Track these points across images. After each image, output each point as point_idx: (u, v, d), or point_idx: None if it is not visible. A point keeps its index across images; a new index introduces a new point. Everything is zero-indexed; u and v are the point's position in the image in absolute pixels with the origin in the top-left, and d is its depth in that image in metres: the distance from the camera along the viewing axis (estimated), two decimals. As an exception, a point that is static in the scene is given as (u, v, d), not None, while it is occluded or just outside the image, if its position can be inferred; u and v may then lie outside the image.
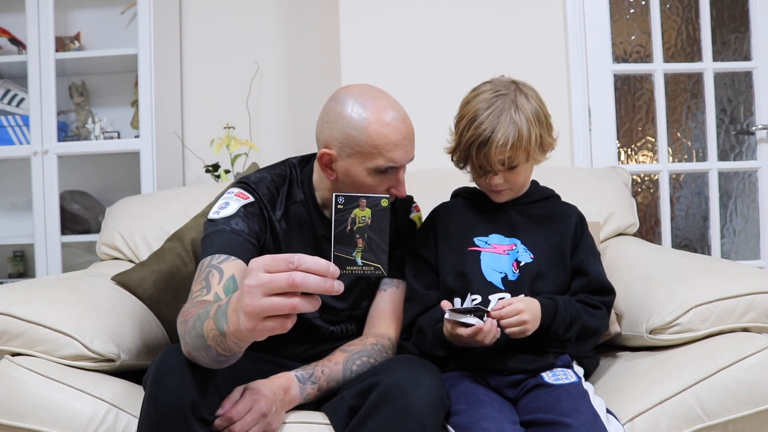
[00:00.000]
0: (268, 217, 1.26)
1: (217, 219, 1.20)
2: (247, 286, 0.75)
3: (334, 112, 1.21)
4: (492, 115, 1.20)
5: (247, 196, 1.25)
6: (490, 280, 1.25)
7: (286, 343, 1.30)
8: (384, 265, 0.79)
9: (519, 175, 1.26)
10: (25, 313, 1.21)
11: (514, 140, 1.19)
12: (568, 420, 1.04)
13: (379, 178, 1.21)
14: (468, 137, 1.23)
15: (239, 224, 1.20)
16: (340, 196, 0.77)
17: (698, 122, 2.63)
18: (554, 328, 1.18)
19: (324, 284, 0.74)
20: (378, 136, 1.17)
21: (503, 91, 1.23)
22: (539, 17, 2.22)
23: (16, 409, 1.12)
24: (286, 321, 0.76)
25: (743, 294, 1.26)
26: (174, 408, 0.96)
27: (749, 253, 2.54)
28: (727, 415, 1.12)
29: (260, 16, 2.55)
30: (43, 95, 2.27)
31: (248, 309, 0.75)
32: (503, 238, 1.30)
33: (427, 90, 2.17)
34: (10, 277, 2.50)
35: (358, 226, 0.78)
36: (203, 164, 2.39)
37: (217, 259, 1.14)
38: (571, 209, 1.36)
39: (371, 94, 1.22)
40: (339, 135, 1.20)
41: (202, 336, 0.90)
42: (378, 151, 1.18)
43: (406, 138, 1.21)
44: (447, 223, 1.36)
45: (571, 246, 1.29)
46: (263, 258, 0.76)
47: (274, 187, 1.29)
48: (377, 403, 1.01)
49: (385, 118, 1.19)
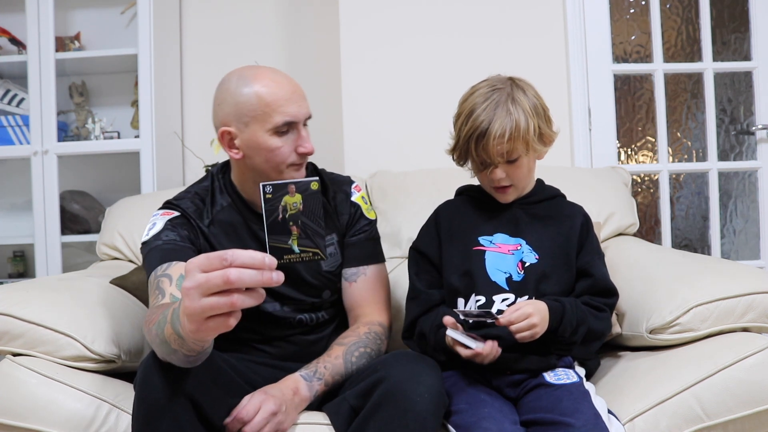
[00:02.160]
0: (197, 226, 1.28)
1: (148, 239, 1.23)
2: (185, 288, 0.74)
3: (221, 94, 1.24)
4: (488, 108, 1.21)
5: (171, 212, 1.27)
6: (494, 281, 1.25)
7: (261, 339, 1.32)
8: (322, 249, 0.78)
9: (520, 169, 1.25)
10: (26, 313, 1.21)
11: (512, 131, 1.19)
12: (569, 420, 1.04)
13: (282, 138, 1.21)
14: (466, 131, 1.23)
15: (169, 235, 1.22)
16: (268, 185, 0.74)
17: (698, 122, 2.63)
18: (561, 331, 1.17)
19: (261, 277, 0.71)
20: (267, 94, 1.19)
21: (499, 86, 1.24)
22: (539, 17, 2.22)
23: (17, 409, 1.12)
24: (228, 319, 0.75)
25: (743, 294, 1.26)
26: (163, 407, 0.97)
27: (749, 253, 2.54)
28: (727, 415, 1.12)
29: (260, 17, 2.55)
30: (43, 95, 2.27)
31: (189, 311, 0.75)
32: (508, 237, 1.29)
33: (427, 90, 2.17)
34: (10, 277, 2.50)
35: (290, 213, 0.76)
36: (203, 164, 2.39)
37: (162, 269, 1.15)
38: (576, 209, 1.35)
39: (250, 67, 1.25)
40: (231, 109, 1.21)
41: (166, 342, 0.90)
42: (272, 109, 1.19)
43: (295, 93, 1.22)
44: (451, 221, 1.35)
45: (576, 247, 1.29)
46: (198, 258, 0.74)
47: (199, 200, 1.31)
48: (379, 403, 1.01)
49: (268, 77, 1.21)
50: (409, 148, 2.13)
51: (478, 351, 1.11)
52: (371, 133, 2.17)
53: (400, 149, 2.15)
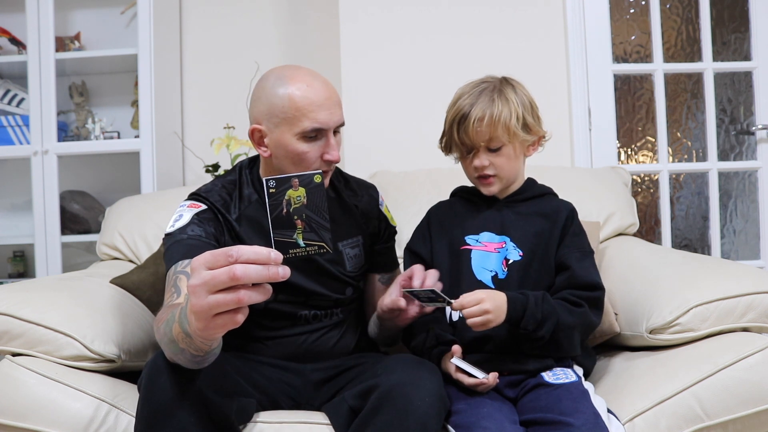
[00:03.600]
0: (224, 220, 1.26)
1: (173, 231, 1.21)
2: (191, 286, 0.74)
3: (258, 91, 1.24)
4: (473, 95, 1.25)
5: (199, 205, 1.25)
6: (480, 279, 1.25)
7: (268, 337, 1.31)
8: (327, 242, 0.77)
9: (504, 158, 1.26)
10: (26, 313, 1.21)
11: (492, 116, 1.21)
12: (569, 419, 1.04)
13: (310, 144, 1.21)
14: (450, 117, 1.27)
15: (195, 230, 1.20)
16: (271, 179, 0.74)
17: (698, 122, 2.63)
18: (524, 324, 1.14)
19: (267, 272, 0.71)
20: (299, 98, 1.18)
21: (489, 80, 1.29)
22: (539, 18, 2.22)
23: (17, 409, 1.12)
24: (235, 315, 0.74)
25: (743, 294, 1.26)
26: (168, 408, 0.97)
27: (749, 253, 2.54)
28: (727, 415, 1.12)
29: (260, 17, 2.55)
30: (43, 95, 2.27)
31: (196, 309, 0.74)
32: (494, 235, 1.30)
33: (427, 90, 2.17)
34: (10, 277, 2.50)
35: (294, 207, 0.75)
36: (203, 164, 2.39)
37: (182, 265, 1.13)
38: (563, 205, 1.33)
39: (291, 67, 1.24)
40: (264, 108, 1.21)
41: (174, 341, 0.90)
42: (302, 113, 1.18)
43: (329, 99, 1.21)
44: (441, 221, 1.37)
45: (557, 240, 1.28)
46: (203, 255, 0.74)
47: (227, 193, 1.30)
48: (378, 405, 1.01)
49: (305, 81, 1.20)
50: (409, 148, 2.13)
51: (482, 381, 1.13)
52: (371, 133, 2.17)
53: (400, 149, 2.15)
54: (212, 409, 1.01)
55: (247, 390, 1.16)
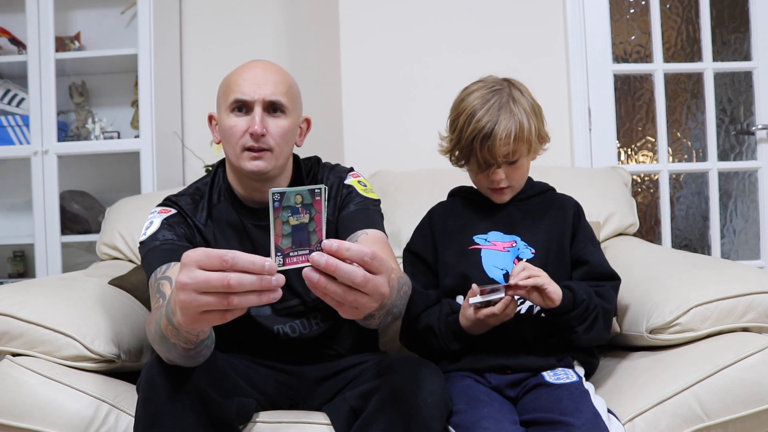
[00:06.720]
0: (193, 224, 1.27)
1: (146, 239, 1.21)
2: (180, 282, 0.73)
3: None
4: (491, 110, 1.23)
5: (168, 210, 1.26)
6: (491, 277, 1.26)
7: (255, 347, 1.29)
8: None
9: (519, 170, 1.28)
10: (26, 313, 1.21)
11: (517, 132, 1.22)
12: (569, 419, 1.04)
13: (238, 118, 1.20)
14: (469, 133, 1.24)
15: (166, 235, 1.20)
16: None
17: (698, 122, 2.63)
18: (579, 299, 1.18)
19: (260, 283, 0.71)
20: (232, 74, 1.22)
21: (497, 87, 1.27)
22: (539, 18, 2.22)
23: (17, 409, 1.12)
24: (224, 315, 0.74)
25: (743, 294, 1.25)
26: (167, 408, 0.97)
27: (749, 253, 2.54)
28: (727, 415, 1.12)
29: (260, 17, 2.55)
30: (43, 95, 2.27)
31: (184, 305, 0.74)
32: (503, 235, 1.30)
33: (427, 91, 2.17)
34: (10, 277, 2.50)
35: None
36: (203, 164, 2.39)
37: (161, 271, 1.14)
38: (567, 200, 1.36)
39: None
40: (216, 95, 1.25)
41: (165, 337, 0.90)
42: (230, 88, 1.20)
43: (261, 77, 1.21)
44: (445, 222, 1.36)
45: (570, 236, 1.30)
46: (196, 252, 0.72)
47: (199, 196, 1.30)
48: (381, 407, 1.00)
49: (248, 63, 1.23)
50: (409, 148, 2.13)
51: (506, 300, 1.12)
52: (371, 133, 2.17)
53: (400, 149, 2.15)
54: (212, 410, 1.01)
55: (247, 390, 1.15)
